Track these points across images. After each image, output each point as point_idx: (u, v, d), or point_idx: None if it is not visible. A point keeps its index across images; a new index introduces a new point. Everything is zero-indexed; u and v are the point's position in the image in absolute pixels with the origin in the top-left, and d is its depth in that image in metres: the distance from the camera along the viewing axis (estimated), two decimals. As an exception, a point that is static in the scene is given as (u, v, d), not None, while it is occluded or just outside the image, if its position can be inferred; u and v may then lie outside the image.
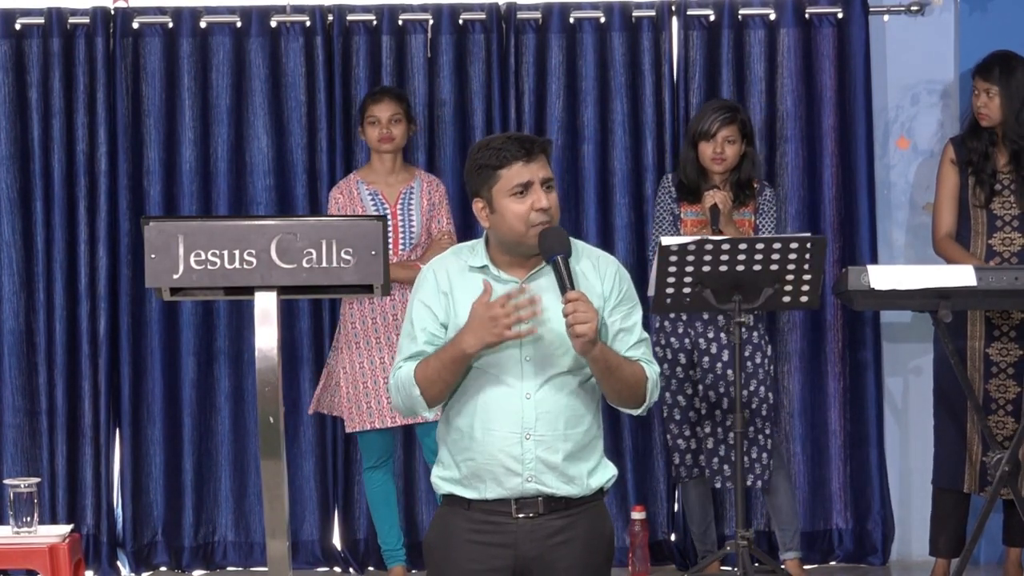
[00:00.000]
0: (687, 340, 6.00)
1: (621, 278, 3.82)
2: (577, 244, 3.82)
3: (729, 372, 5.93)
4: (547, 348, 3.70)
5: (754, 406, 5.95)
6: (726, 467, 5.94)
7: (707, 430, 5.96)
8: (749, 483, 5.94)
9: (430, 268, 3.81)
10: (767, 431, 5.98)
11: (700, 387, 5.97)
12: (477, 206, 3.75)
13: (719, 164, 5.95)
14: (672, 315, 5.97)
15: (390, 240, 5.99)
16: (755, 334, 5.98)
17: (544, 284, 3.71)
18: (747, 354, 5.95)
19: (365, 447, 6.09)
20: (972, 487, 5.92)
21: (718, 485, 5.99)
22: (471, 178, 3.75)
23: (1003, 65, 5.91)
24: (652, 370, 3.80)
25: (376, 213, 5.98)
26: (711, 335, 5.97)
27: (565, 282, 3.63)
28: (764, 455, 5.97)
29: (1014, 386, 5.89)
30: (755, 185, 6.04)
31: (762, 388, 5.98)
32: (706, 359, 5.96)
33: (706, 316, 5.91)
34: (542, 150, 3.73)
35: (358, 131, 6.20)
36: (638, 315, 3.83)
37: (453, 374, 3.68)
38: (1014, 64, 5.92)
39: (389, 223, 5.97)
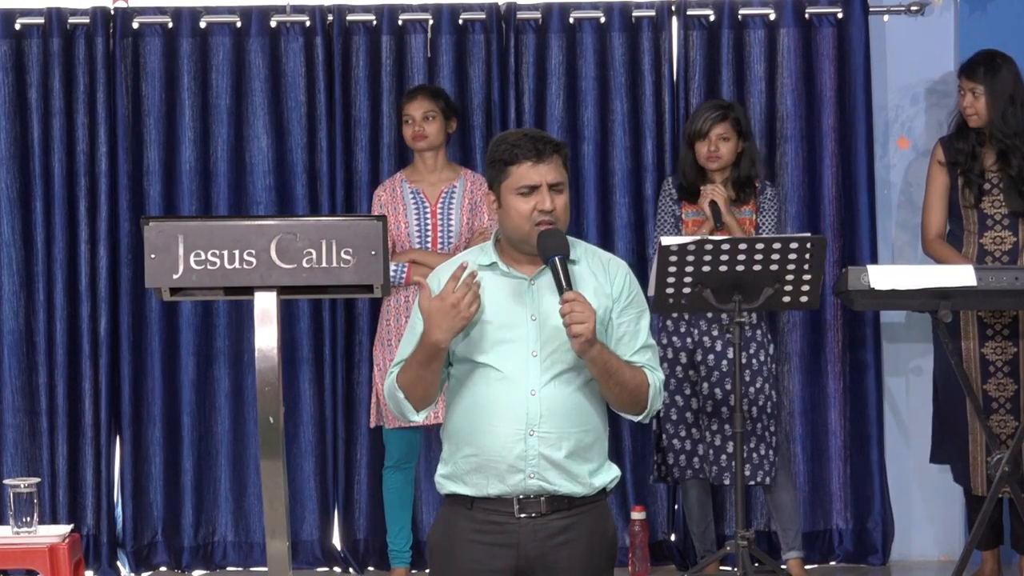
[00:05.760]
0: (689, 340, 6.00)
1: (631, 282, 3.83)
2: (588, 247, 3.86)
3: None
4: (554, 344, 3.70)
5: (761, 403, 5.95)
6: (734, 464, 5.93)
7: (713, 428, 5.95)
8: (756, 481, 5.93)
9: (436, 273, 3.84)
10: (772, 428, 5.98)
11: (705, 386, 5.96)
12: (489, 198, 3.80)
13: (714, 162, 5.96)
14: (675, 315, 5.97)
15: (429, 238, 6.01)
16: (758, 332, 5.98)
17: (551, 281, 3.71)
18: (752, 352, 5.95)
19: (389, 445, 6.08)
20: (979, 487, 5.90)
21: (727, 482, 5.96)
22: (487, 170, 3.80)
23: (987, 64, 5.91)
24: (655, 377, 3.80)
25: (415, 212, 6.02)
26: (715, 334, 5.96)
27: (562, 282, 3.65)
28: (771, 452, 5.97)
29: (1011, 384, 5.89)
30: (756, 184, 6.04)
31: (766, 386, 5.98)
32: (711, 357, 5.96)
33: (709, 315, 5.91)
34: (555, 152, 3.74)
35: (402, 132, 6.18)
36: (645, 321, 3.83)
37: (432, 372, 3.70)
38: (999, 63, 5.91)
39: (428, 221, 5.99)
